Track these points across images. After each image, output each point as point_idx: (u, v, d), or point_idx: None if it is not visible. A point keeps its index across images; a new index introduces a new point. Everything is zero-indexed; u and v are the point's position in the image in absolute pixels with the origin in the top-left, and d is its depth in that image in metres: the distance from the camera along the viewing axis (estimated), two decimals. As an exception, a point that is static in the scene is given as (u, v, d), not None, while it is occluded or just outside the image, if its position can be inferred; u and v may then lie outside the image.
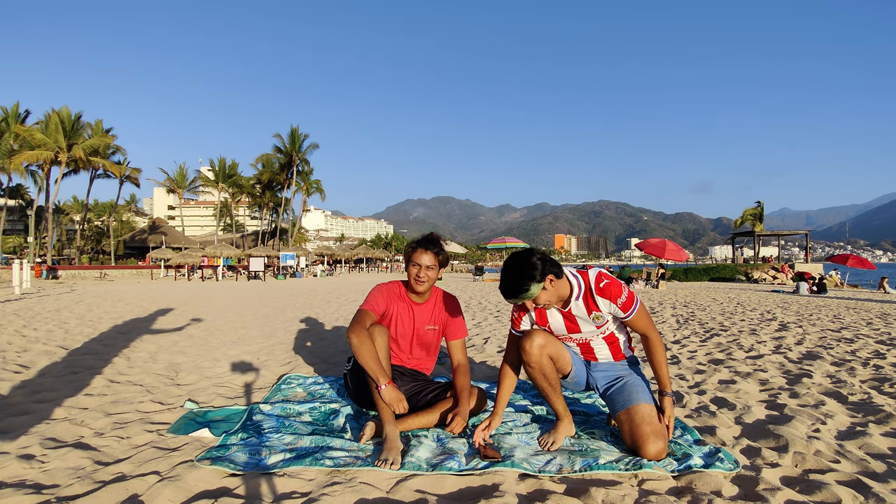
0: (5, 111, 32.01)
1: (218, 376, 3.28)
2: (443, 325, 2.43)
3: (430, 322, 2.41)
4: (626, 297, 1.94)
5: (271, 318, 6.78)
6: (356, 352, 2.04)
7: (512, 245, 28.42)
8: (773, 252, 47.72)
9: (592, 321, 2.02)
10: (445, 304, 2.45)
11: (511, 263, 1.87)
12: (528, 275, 1.82)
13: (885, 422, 2.32)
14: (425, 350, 2.45)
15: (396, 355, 2.40)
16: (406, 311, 2.38)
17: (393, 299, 2.36)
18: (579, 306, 2.00)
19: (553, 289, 1.90)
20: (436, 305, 2.43)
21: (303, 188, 45.80)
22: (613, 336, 2.10)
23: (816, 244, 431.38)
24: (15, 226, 51.44)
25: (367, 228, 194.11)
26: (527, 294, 1.84)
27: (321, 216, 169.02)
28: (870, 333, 5.41)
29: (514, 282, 1.84)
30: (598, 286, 1.95)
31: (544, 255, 1.88)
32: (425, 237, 2.35)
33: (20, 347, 4.26)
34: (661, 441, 1.82)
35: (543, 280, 1.84)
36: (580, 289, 1.98)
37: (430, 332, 2.42)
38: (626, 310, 1.96)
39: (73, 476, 1.70)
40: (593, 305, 1.98)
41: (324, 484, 1.64)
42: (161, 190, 68.42)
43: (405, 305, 2.38)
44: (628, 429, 1.90)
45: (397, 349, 2.40)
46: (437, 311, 2.43)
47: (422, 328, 2.39)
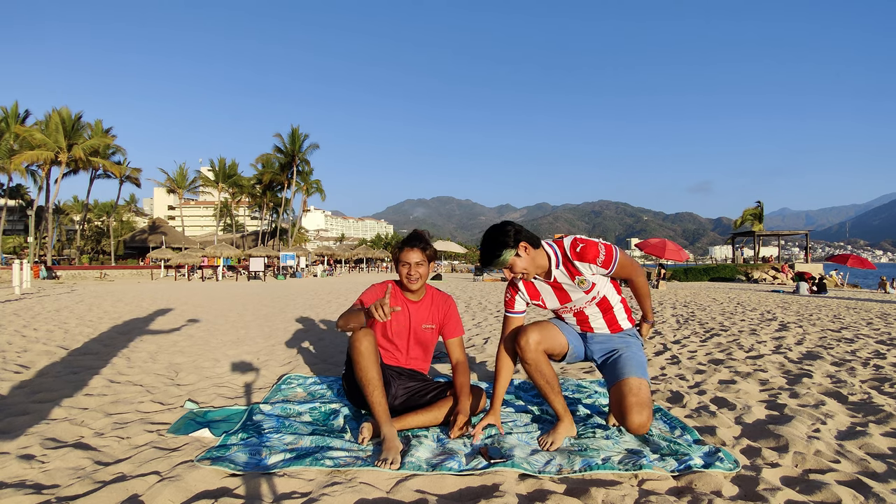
0: (5, 111, 32.03)
1: (218, 376, 3.28)
2: (440, 324, 2.45)
3: (427, 320, 2.42)
4: (604, 255, 1.95)
5: (271, 318, 6.78)
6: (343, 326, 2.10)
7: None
8: (773, 252, 47.71)
9: (578, 286, 2.04)
10: (441, 303, 2.47)
11: (487, 232, 1.98)
12: (501, 241, 1.91)
13: (885, 422, 2.32)
14: (422, 349, 2.45)
15: (393, 355, 2.40)
16: (402, 309, 2.38)
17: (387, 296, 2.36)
18: (562, 273, 2.03)
19: (529, 257, 1.95)
20: (432, 304, 2.45)
21: (303, 188, 45.81)
22: (607, 302, 2.13)
23: (816, 244, 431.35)
24: (15, 226, 51.46)
25: (368, 228, 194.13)
26: (500, 259, 1.93)
27: (321, 216, 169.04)
28: (870, 333, 5.41)
29: (487, 248, 1.94)
30: (574, 252, 1.98)
31: (520, 226, 1.97)
32: (409, 235, 2.39)
33: (20, 347, 4.26)
34: (644, 412, 1.89)
35: (517, 247, 1.92)
36: (557, 256, 2.02)
37: (428, 331, 2.43)
38: (608, 265, 1.97)
39: (74, 476, 1.70)
40: (575, 271, 2.01)
41: (324, 484, 1.64)
42: (161, 190, 68.44)
43: (401, 304, 2.39)
44: (615, 399, 1.98)
45: (394, 349, 2.40)
46: (433, 309, 2.44)
47: (419, 326, 2.40)
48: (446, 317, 2.45)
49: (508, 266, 1.96)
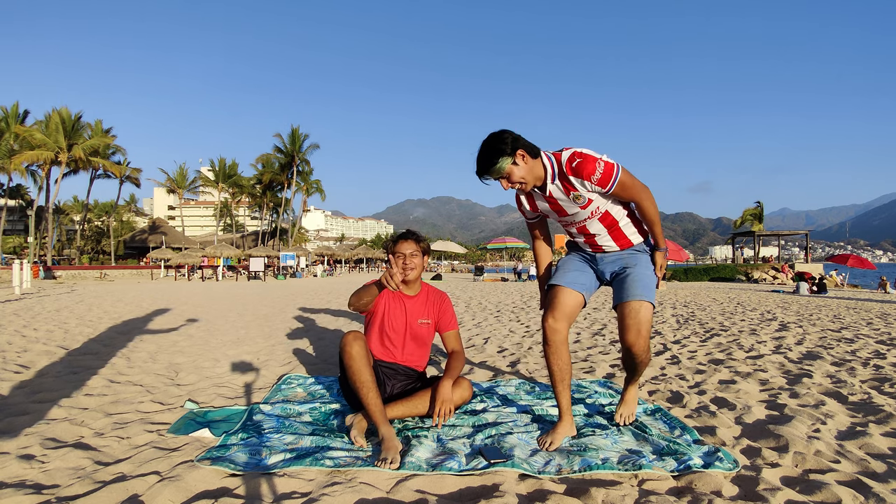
0: (5, 111, 32.03)
1: (218, 376, 3.28)
2: (435, 319, 2.50)
3: (423, 315, 2.45)
4: (601, 173, 1.84)
5: (271, 318, 6.78)
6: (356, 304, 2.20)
7: (512, 245, 28.37)
8: (773, 252, 47.71)
9: (574, 202, 1.96)
10: (436, 298, 2.53)
11: (484, 141, 1.89)
12: (499, 149, 1.83)
13: (885, 422, 2.31)
14: (418, 345, 2.47)
15: (390, 352, 2.41)
16: (398, 305, 2.41)
17: (384, 293, 2.40)
18: (557, 188, 1.95)
19: (526, 166, 1.88)
20: (427, 299, 2.50)
21: (303, 188, 45.83)
22: (610, 217, 2.03)
23: (816, 244, 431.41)
24: (15, 226, 51.46)
25: (368, 228, 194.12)
26: (497, 167, 1.85)
27: (321, 216, 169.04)
28: (870, 333, 5.41)
29: (484, 156, 1.86)
30: (569, 166, 1.87)
31: (518, 134, 1.88)
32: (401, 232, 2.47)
33: (20, 347, 4.26)
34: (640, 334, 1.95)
35: (514, 155, 1.84)
36: (553, 169, 1.92)
37: (424, 326, 2.45)
38: (605, 184, 1.86)
39: (74, 476, 1.70)
40: (569, 186, 1.92)
41: (324, 484, 1.64)
42: (161, 190, 68.46)
43: (396, 299, 2.42)
44: (619, 318, 2.02)
45: (391, 345, 2.41)
46: (429, 304, 2.49)
47: (415, 322, 2.43)
48: (442, 311, 2.51)
49: (505, 175, 1.88)
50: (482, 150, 1.88)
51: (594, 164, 1.84)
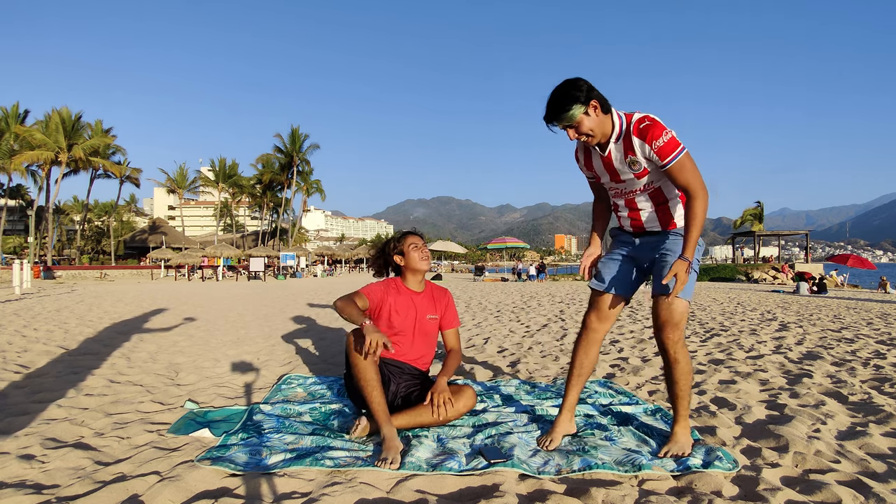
0: (5, 111, 32.03)
1: (218, 376, 3.28)
2: (441, 314, 2.53)
3: (431, 311, 2.48)
4: (664, 142, 1.76)
5: (271, 318, 6.78)
6: (340, 311, 2.14)
7: (512, 245, 28.33)
8: (774, 252, 47.70)
9: (629, 166, 1.87)
10: (441, 294, 2.57)
11: (557, 86, 1.80)
12: (573, 96, 1.75)
13: (885, 422, 2.31)
14: (426, 341, 2.48)
15: (398, 348, 2.42)
16: (406, 302, 2.42)
17: (391, 293, 2.42)
18: (618, 148, 1.87)
19: (597, 119, 1.80)
20: (434, 295, 2.54)
21: (303, 188, 45.83)
22: (661, 195, 1.94)
23: (816, 244, 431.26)
24: (15, 226, 51.46)
25: (368, 228, 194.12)
26: (568, 115, 1.76)
27: (321, 216, 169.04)
28: (870, 333, 5.41)
29: (556, 100, 1.77)
30: (637, 127, 1.79)
31: (592, 85, 1.79)
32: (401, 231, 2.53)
33: (20, 347, 4.26)
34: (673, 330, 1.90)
35: (587, 104, 1.76)
36: (621, 128, 1.83)
37: (432, 322, 2.48)
38: (664, 156, 1.77)
39: (74, 476, 1.70)
40: (630, 149, 1.83)
41: (324, 484, 1.64)
42: (161, 190, 68.43)
43: (404, 297, 2.43)
44: (652, 310, 1.97)
45: (399, 342, 2.41)
46: (435, 300, 2.53)
47: (424, 318, 2.44)
48: (447, 308, 2.55)
49: (575, 124, 1.80)
50: (554, 96, 1.78)
51: (661, 131, 1.77)
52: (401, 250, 2.42)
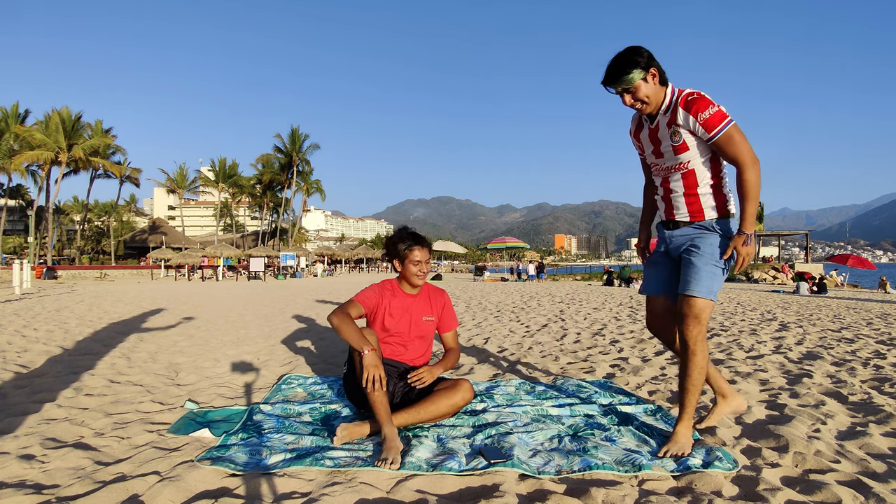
0: (5, 111, 32.06)
1: (218, 376, 3.28)
2: (438, 316, 2.54)
3: (426, 312, 2.48)
4: (710, 114, 1.80)
5: (271, 318, 6.78)
6: (337, 330, 2.12)
7: (512, 245, 28.30)
8: (774, 252, 47.68)
9: (671, 137, 1.91)
10: (437, 295, 2.57)
11: (620, 52, 1.87)
12: (634, 60, 1.82)
13: (885, 422, 2.31)
14: (423, 342, 2.49)
15: (394, 349, 2.43)
16: (402, 304, 2.43)
17: (386, 296, 2.42)
18: (665, 119, 1.92)
19: (654, 87, 1.86)
20: (430, 296, 2.54)
21: (303, 188, 45.85)
22: (693, 178, 1.94)
23: (816, 244, 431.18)
24: (15, 226, 51.48)
25: (368, 228, 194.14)
26: (628, 78, 1.83)
27: (321, 216, 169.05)
28: (870, 333, 5.41)
29: (618, 63, 1.84)
30: (685, 99, 1.85)
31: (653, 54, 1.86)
32: (410, 233, 2.44)
33: (20, 347, 4.26)
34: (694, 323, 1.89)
35: (647, 70, 1.83)
36: (671, 100, 1.90)
37: (429, 323, 2.49)
38: (711, 128, 1.81)
39: (74, 476, 1.70)
40: (674, 118, 1.89)
41: (324, 484, 1.64)
42: (161, 190, 68.43)
43: (399, 300, 2.44)
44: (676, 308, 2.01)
45: (395, 342, 2.42)
46: (431, 301, 2.53)
47: (419, 319, 2.45)
48: (444, 309, 2.56)
49: (632, 89, 1.86)
50: (616, 58, 1.85)
51: (707, 104, 1.81)
52: (404, 257, 2.39)
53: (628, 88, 1.86)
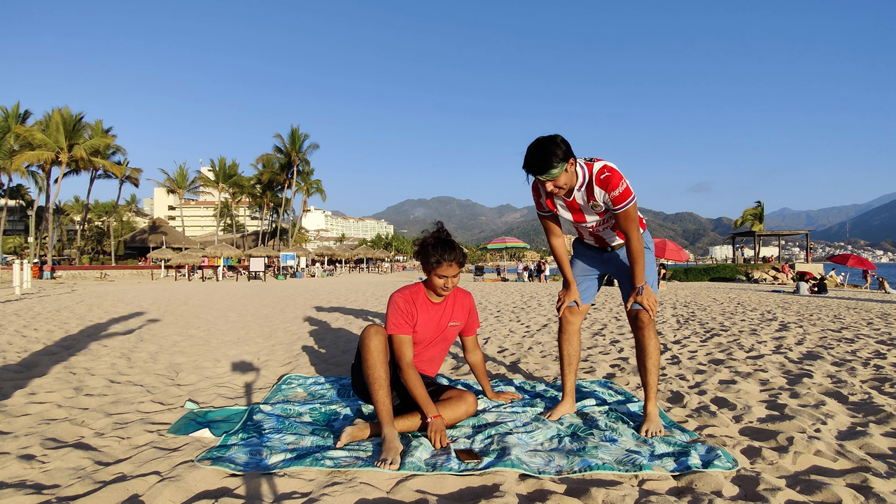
0: (5, 111, 32.04)
1: (218, 376, 3.28)
2: (464, 321, 2.48)
3: (452, 318, 2.41)
4: (620, 192, 1.99)
5: (271, 319, 6.78)
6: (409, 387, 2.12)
7: (512, 245, 28.34)
8: (774, 252, 47.68)
9: (592, 209, 2.13)
10: (463, 298, 2.48)
11: (539, 142, 1.97)
12: (555, 153, 1.93)
13: (885, 422, 2.31)
14: (442, 347, 2.44)
15: (418, 366, 2.36)
16: (428, 315, 2.33)
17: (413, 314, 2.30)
18: (582, 195, 2.10)
19: (571, 174, 2.00)
20: (455, 300, 2.44)
21: (303, 188, 45.84)
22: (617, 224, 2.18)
23: (817, 244, 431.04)
24: (15, 226, 51.47)
25: (368, 228, 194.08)
26: (553, 173, 1.95)
27: (321, 216, 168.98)
28: (870, 333, 5.40)
29: (540, 158, 1.94)
30: (598, 178, 2.02)
31: (567, 142, 1.97)
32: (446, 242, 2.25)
33: (20, 348, 4.26)
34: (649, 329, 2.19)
35: (567, 161, 1.95)
36: (584, 179, 2.06)
37: (454, 329, 2.43)
38: (617, 203, 2.02)
39: (74, 476, 1.70)
40: (592, 196, 2.08)
41: (324, 484, 1.64)
42: (161, 190, 68.45)
43: (425, 312, 2.33)
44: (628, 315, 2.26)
45: (418, 355, 2.36)
46: (457, 306, 2.44)
47: (445, 326, 2.38)
48: (470, 313, 2.50)
49: (553, 180, 1.98)
50: (539, 152, 1.95)
51: (619, 181, 1.99)
52: (431, 268, 2.25)
53: (550, 178, 1.98)
